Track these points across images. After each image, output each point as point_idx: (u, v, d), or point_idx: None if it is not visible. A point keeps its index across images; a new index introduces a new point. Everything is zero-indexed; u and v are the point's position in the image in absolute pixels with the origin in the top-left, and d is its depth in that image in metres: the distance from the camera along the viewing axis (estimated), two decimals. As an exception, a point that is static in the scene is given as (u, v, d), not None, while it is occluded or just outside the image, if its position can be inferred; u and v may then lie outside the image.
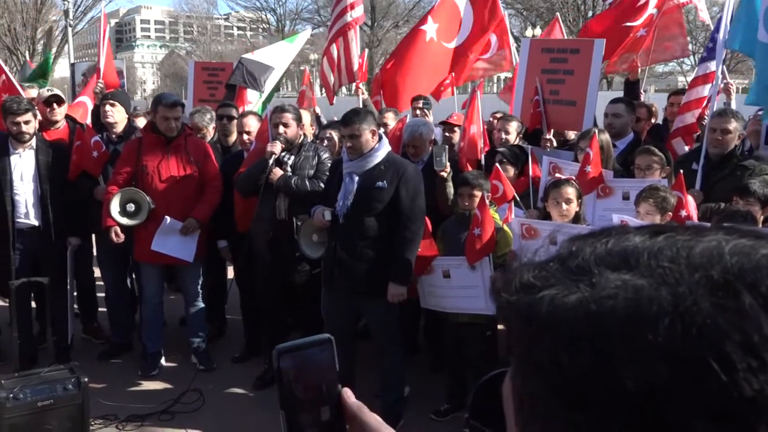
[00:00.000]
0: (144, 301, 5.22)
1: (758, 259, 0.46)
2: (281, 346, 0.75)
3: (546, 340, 0.48)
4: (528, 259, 0.54)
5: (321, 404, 0.76)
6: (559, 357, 0.47)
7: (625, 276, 0.48)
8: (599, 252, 0.51)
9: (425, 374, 4.94)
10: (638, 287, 0.46)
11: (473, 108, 5.45)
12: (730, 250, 0.47)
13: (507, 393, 0.55)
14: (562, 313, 0.48)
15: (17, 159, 4.97)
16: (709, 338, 0.43)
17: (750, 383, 0.41)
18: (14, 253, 4.96)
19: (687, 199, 3.70)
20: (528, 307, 0.50)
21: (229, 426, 4.38)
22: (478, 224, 4.03)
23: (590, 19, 6.52)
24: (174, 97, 5.23)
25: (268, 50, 7.83)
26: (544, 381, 0.49)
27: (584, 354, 0.46)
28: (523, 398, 0.52)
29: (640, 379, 0.44)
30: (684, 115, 5.39)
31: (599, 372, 0.45)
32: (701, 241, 0.48)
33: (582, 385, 0.46)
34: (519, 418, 0.52)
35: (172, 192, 4.93)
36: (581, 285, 0.48)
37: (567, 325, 0.47)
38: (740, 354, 0.42)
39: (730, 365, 0.42)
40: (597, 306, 0.47)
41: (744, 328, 0.43)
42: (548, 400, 0.48)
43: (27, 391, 3.56)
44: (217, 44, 62.29)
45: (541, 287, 0.50)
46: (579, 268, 0.50)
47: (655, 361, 0.44)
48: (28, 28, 35.29)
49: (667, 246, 0.49)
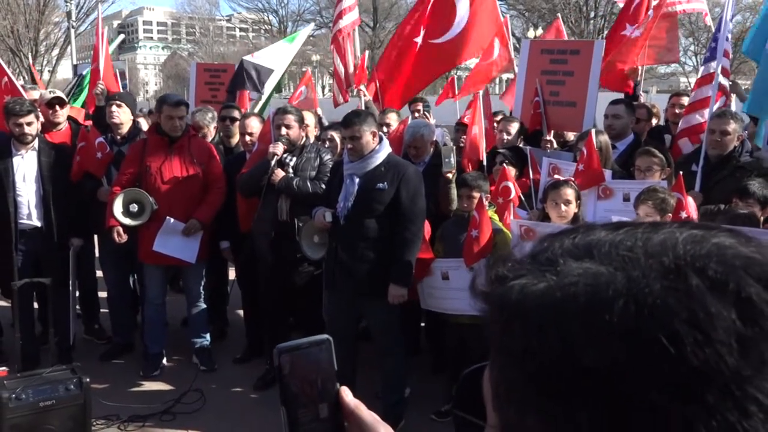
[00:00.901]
0: (147, 301, 5.23)
1: (709, 247, 0.50)
2: (281, 346, 0.78)
3: (516, 327, 0.52)
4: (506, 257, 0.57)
5: (319, 402, 0.79)
6: (528, 343, 0.51)
7: (587, 264, 0.52)
8: (566, 246, 0.54)
9: (426, 375, 4.95)
10: (597, 273, 0.50)
11: (475, 109, 5.47)
12: (683, 240, 0.51)
13: (486, 381, 0.58)
14: (530, 300, 0.52)
15: (20, 160, 4.99)
16: (660, 317, 0.47)
17: (696, 355, 0.46)
18: (17, 253, 4.97)
19: (687, 201, 3.70)
20: (500, 297, 0.54)
21: (230, 426, 4.39)
22: (476, 226, 4.04)
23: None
24: (178, 97, 5.26)
25: (268, 51, 7.84)
26: (515, 366, 0.52)
27: (551, 339, 0.50)
28: (499, 384, 0.55)
29: (601, 359, 0.47)
30: (689, 116, 5.39)
31: (565, 355, 0.49)
32: (658, 233, 0.52)
33: (550, 368, 0.49)
34: (495, 403, 0.56)
35: (174, 193, 4.94)
36: (548, 274, 0.52)
37: (535, 313, 0.51)
38: (687, 329, 0.46)
39: (678, 340, 0.46)
40: (561, 293, 0.51)
41: (691, 307, 0.47)
42: (520, 385, 0.52)
43: (29, 391, 3.58)
44: (219, 45, 62.31)
45: (512, 278, 0.54)
46: (547, 260, 0.54)
47: (613, 340, 0.47)
48: (30, 30, 35.33)
49: (627, 237, 0.53)
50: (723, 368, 0.46)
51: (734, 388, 0.46)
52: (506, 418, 0.55)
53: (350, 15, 7.44)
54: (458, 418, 0.66)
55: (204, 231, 5.05)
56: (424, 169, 4.75)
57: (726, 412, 0.45)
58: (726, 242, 0.51)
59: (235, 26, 78.10)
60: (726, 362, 0.46)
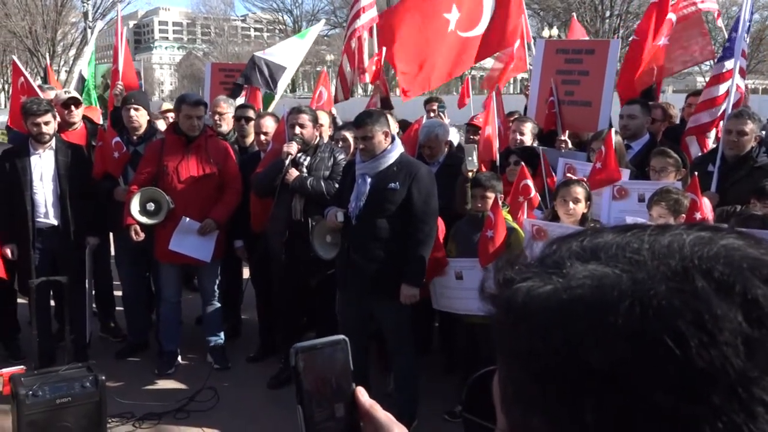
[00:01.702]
0: (162, 300, 5.27)
1: (716, 249, 0.50)
2: (298, 345, 0.80)
3: (522, 329, 0.52)
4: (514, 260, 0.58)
5: (336, 401, 0.81)
6: (534, 344, 0.51)
7: (593, 266, 0.52)
8: (574, 248, 0.55)
9: (438, 375, 4.95)
10: (603, 275, 0.51)
11: (489, 108, 5.46)
12: (690, 242, 0.51)
13: (495, 383, 0.59)
14: (536, 302, 0.52)
15: (37, 159, 5.05)
16: (665, 317, 0.47)
17: (702, 357, 0.46)
18: (34, 252, 5.03)
19: (702, 202, 3.67)
20: (507, 299, 0.54)
21: (244, 424, 4.41)
22: (491, 226, 4.03)
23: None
24: (197, 97, 5.29)
25: (280, 48, 7.85)
26: (522, 366, 0.53)
27: (556, 340, 0.50)
28: (506, 385, 0.55)
29: (606, 360, 0.48)
30: (698, 115, 5.34)
31: (570, 356, 0.49)
32: (665, 235, 0.52)
33: (556, 369, 0.50)
34: (503, 404, 0.56)
35: (190, 192, 4.97)
36: (554, 277, 0.53)
37: (541, 314, 0.51)
38: (692, 331, 0.46)
39: (683, 341, 0.46)
40: (567, 295, 0.51)
41: (696, 308, 0.47)
42: (526, 386, 0.52)
43: (46, 388, 3.62)
44: (234, 45, 62.63)
45: (519, 281, 0.54)
46: (554, 263, 0.54)
47: (618, 342, 0.48)
48: (48, 30, 35.71)
49: (634, 239, 0.53)
50: (729, 369, 0.45)
51: (740, 389, 0.45)
52: (513, 419, 0.55)
53: (368, 13, 7.48)
54: (468, 422, 0.66)
55: (219, 230, 5.08)
56: (438, 169, 4.74)
57: (732, 413, 0.45)
58: (734, 244, 0.51)
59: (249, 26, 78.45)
60: (732, 364, 0.46)
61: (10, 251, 5.02)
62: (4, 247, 5.02)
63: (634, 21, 31.49)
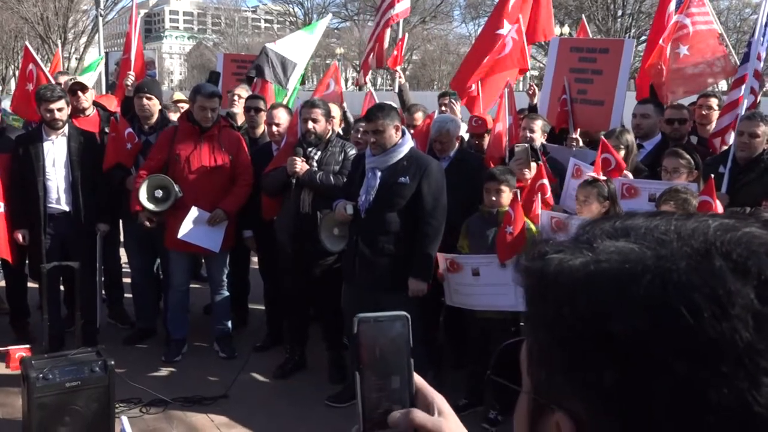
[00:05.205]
0: (171, 288, 5.29)
1: (739, 235, 0.54)
2: (361, 315, 0.83)
3: (551, 296, 0.57)
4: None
5: (391, 373, 0.83)
6: (561, 310, 0.56)
7: (622, 243, 0.57)
8: (606, 228, 0.59)
9: (444, 369, 4.96)
10: (629, 251, 0.55)
11: (500, 105, 5.45)
12: (714, 227, 0.55)
13: (523, 350, 0.63)
14: (566, 272, 0.57)
15: (50, 145, 5.08)
16: (683, 290, 0.51)
17: (714, 327, 0.50)
18: (45, 237, 5.07)
19: (716, 204, 3.66)
20: (539, 269, 0.59)
21: (249, 413, 4.44)
22: (510, 222, 4.02)
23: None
24: (212, 88, 5.30)
25: (290, 41, 7.84)
26: (548, 331, 0.58)
27: (581, 306, 0.55)
28: (533, 348, 0.60)
29: (627, 327, 0.52)
30: (721, 118, 5.32)
31: (593, 322, 0.54)
32: (691, 220, 0.57)
33: (580, 334, 0.54)
34: (530, 367, 0.61)
35: (201, 182, 4.99)
36: (585, 251, 0.58)
37: (569, 282, 0.56)
38: (706, 303, 0.50)
39: (697, 312, 0.50)
40: (595, 266, 0.56)
41: (712, 284, 0.51)
42: (551, 349, 0.57)
43: (56, 371, 3.65)
44: (244, 36, 62.65)
45: (552, 253, 0.59)
46: (587, 240, 0.59)
47: (639, 310, 0.52)
48: (60, 17, 35.79)
49: (662, 223, 0.58)
50: (737, 341, 0.49)
51: (747, 360, 0.49)
52: (537, 381, 0.60)
53: (402, 3, 7.76)
54: (496, 384, 0.70)
55: (229, 221, 5.10)
56: (448, 165, 4.75)
57: (737, 381, 0.49)
58: (756, 232, 0.55)
59: (260, 17, 78.41)
60: (741, 336, 0.49)
61: (21, 236, 5.07)
62: (16, 232, 5.06)
63: (647, 21, 31.32)
